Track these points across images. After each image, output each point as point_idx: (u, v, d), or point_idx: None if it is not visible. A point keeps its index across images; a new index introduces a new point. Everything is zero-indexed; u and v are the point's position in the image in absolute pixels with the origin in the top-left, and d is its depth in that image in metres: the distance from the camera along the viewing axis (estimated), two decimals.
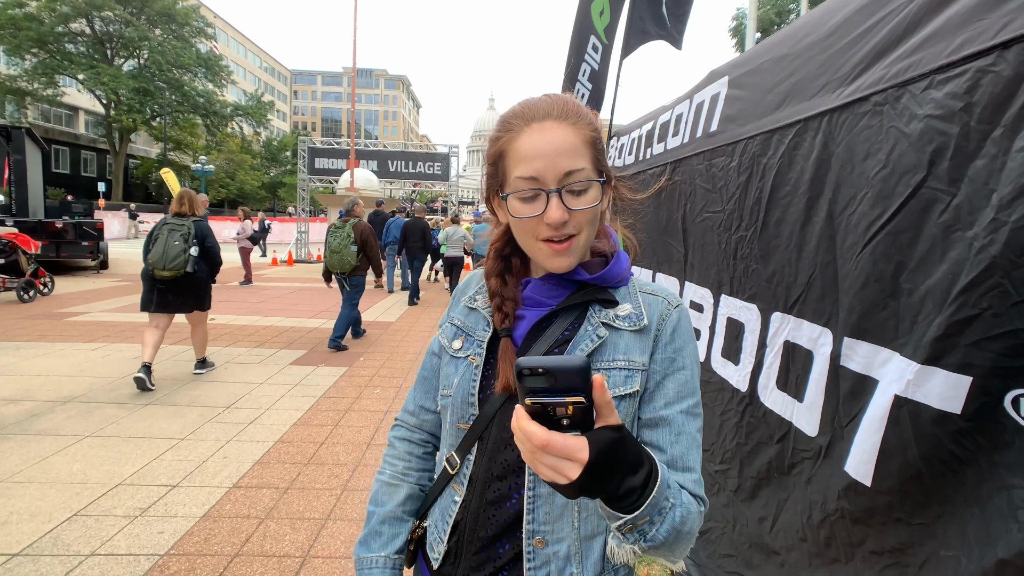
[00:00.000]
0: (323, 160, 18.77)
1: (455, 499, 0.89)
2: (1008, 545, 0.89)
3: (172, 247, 4.86)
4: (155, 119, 40.02)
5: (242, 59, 74.03)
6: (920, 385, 1.01)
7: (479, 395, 0.88)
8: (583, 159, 0.81)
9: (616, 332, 0.85)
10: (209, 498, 3.14)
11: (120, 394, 4.76)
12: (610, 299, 0.88)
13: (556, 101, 0.84)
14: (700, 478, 0.80)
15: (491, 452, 0.86)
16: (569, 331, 0.87)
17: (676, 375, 0.84)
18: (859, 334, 1.20)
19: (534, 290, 0.92)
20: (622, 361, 0.83)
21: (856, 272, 1.20)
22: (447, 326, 1.01)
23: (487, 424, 0.87)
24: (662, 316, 0.88)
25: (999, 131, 0.90)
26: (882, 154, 1.14)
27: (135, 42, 37.59)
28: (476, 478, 0.87)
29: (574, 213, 0.81)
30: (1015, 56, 0.89)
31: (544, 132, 0.81)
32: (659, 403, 0.83)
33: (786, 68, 1.56)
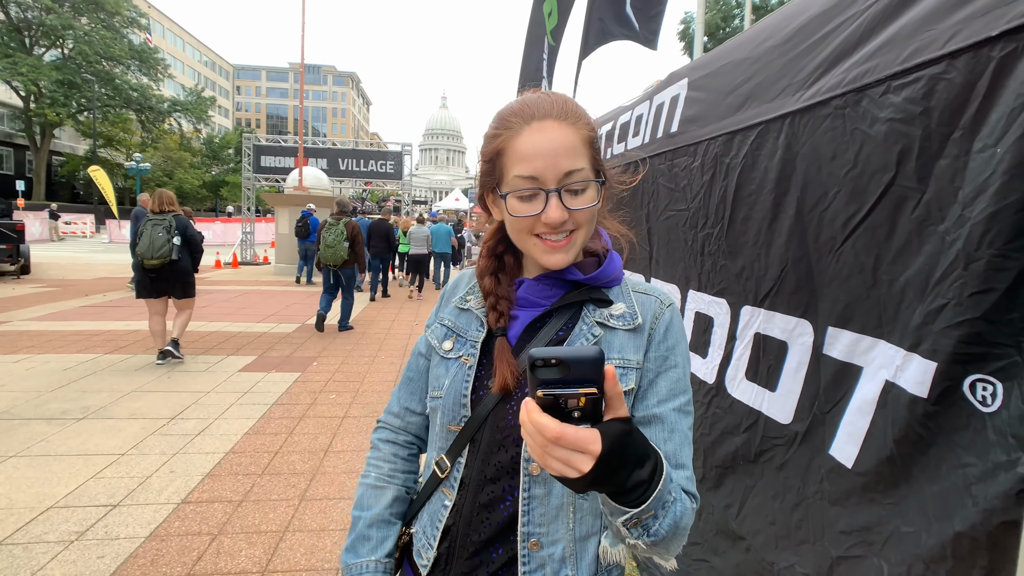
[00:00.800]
0: (269, 158, 18.14)
1: (445, 503, 0.88)
2: (964, 519, 0.95)
3: (157, 238, 5.53)
4: (82, 113, 37.56)
5: (180, 52, 70.68)
6: (904, 370, 1.08)
7: (472, 396, 0.87)
8: (582, 159, 0.81)
9: (611, 331, 0.86)
10: (155, 516, 2.98)
11: (48, 409, 4.44)
12: (604, 299, 0.89)
13: (556, 100, 0.84)
14: (692, 474, 0.81)
15: (484, 454, 0.85)
16: (563, 331, 0.88)
17: (669, 373, 0.85)
18: (843, 323, 1.25)
19: (528, 290, 0.92)
20: (617, 360, 0.84)
21: (837, 265, 1.26)
22: (437, 327, 0.99)
23: (479, 426, 0.86)
24: (655, 315, 0.88)
25: (958, 133, 0.96)
26: (850, 154, 1.20)
27: (58, 31, 35.07)
28: (468, 481, 0.86)
29: (573, 213, 0.81)
30: (965, 65, 0.95)
31: (544, 131, 0.80)
32: (652, 401, 0.83)
33: (746, 71, 1.62)
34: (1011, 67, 0.87)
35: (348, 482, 3.45)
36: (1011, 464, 0.87)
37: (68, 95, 35.48)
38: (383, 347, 7.17)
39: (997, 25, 0.89)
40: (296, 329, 7.95)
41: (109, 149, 41.09)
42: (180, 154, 45.93)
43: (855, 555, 1.19)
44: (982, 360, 0.93)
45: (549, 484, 0.81)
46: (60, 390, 4.90)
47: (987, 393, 0.92)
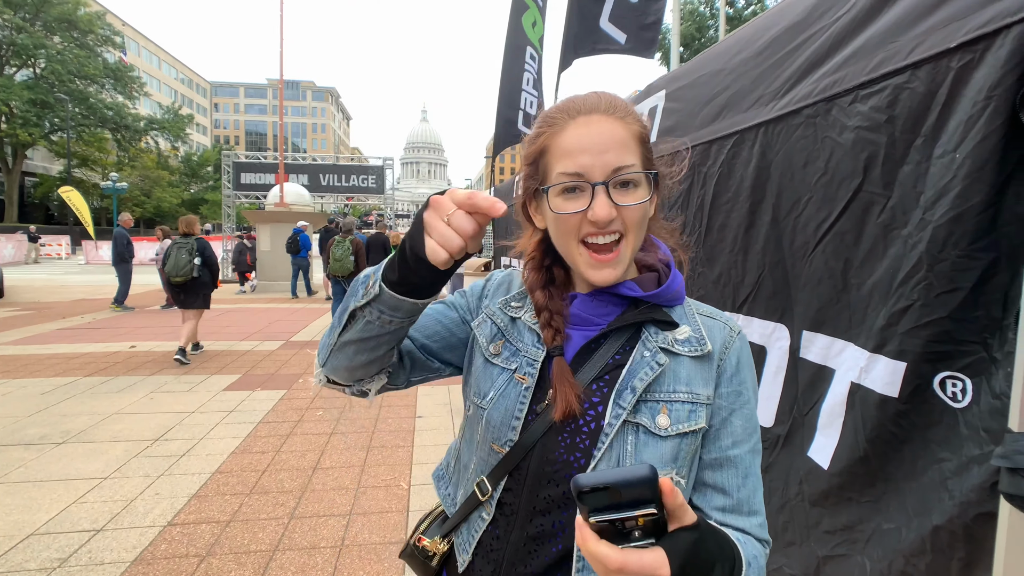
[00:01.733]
0: (249, 175, 17.99)
1: (483, 516, 0.82)
2: (941, 513, 0.98)
3: (180, 259, 6.59)
4: (56, 133, 36.93)
5: (156, 70, 69.99)
6: (869, 372, 1.11)
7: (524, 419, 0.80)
8: (632, 155, 0.75)
9: (675, 358, 0.78)
10: (140, 540, 2.91)
11: (26, 435, 4.33)
12: (667, 320, 0.80)
13: (603, 96, 0.78)
14: (765, 520, 0.77)
15: (532, 485, 0.78)
16: (620, 354, 0.80)
17: (743, 410, 0.79)
18: (817, 327, 1.29)
19: (581, 307, 0.83)
20: (684, 393, 0.76)
21: (810, 270, 1.30)
22: (486, 321, 0.90)
23: (526, 453, 0.78)
24: (725, 343, 0.81)
25: (920, 140, 1.01)
26: (820, 162, 1.25)
27: (29, 50, 34.51)
28: (515, 508, 0.79)
29: (622, 210, 0.73)
30: (926, 75, 1.00)
31: (591, 125, 0.74)
32: (726, 442, 0.77)
33: (721, 82, 1.67)
34: (968, 77, 0.92)
35: (337, 499, 3.41)
36: (984, 458, 0.90)
37: (41, 115, 34.85)
38: None
39: (955, 37, 0.94)
40: (280, 346, 7.86)
41: (84, 169, 40.40)
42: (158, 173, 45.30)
43: (840, 554, 1.22)
44: (950, 358, 0.97)
45: None
46: (38, 415, 4.78)
47: (957, 389, 0.96)
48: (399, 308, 0.73)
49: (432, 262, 0.65)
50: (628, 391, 0.75)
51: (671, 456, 0.73)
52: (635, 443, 0.74)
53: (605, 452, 0.74)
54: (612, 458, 0.73)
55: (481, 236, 0.67)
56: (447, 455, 0.99)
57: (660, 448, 0.73)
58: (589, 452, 0.75)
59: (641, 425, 0.74)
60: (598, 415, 0.76)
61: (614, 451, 0.74)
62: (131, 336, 8.44)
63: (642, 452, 0.73)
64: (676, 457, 0.74)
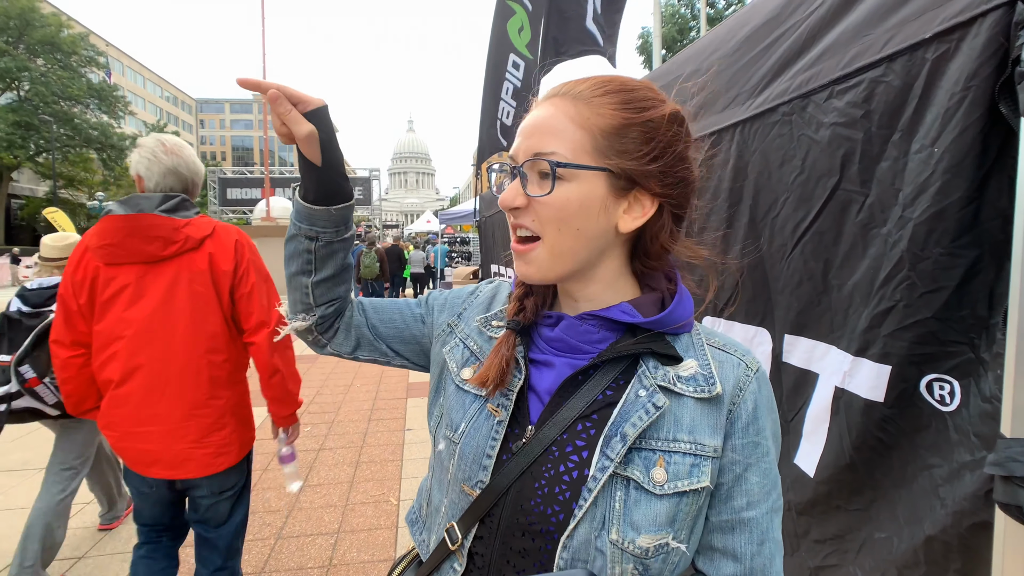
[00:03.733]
0: (235, 190, 17.98)
1: (455, 566, 0.73)
2: (934, 522, 0.94)
3: None
4: (41, 155, 36.66)
5: (140, 89, 69.84)
6: (853, 376, 1.07)
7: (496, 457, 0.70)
8: (564, 142, 0.64)
9: (677, 400, 0.66)
10: (123, 567, 2.83)
11: (8, 460, 4.23)
12: (670, 352, 0.68)
13: (585, 78, 0.69)
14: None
15: (504, 536, 0.68)
16: (612, 390, 0.68)
17: (760, 464, 0.67)
18: (798, 330, 1.25)
19: (568, 331, 0.72)
20: (686, 443, 0.64)
21: (789, 271, 1.26)
22: (458, 344, 0.82)
23: (498, 499, 0.68)
24: (738, 384, 0.68)
25: (897, 135, 0.98)
26: (797, 160, 1.21)
27: (13, 73, 34.29)
28: (487, 561, 0.69)
29: (533, 203, 0.66)
30: (901, 67, 0.97)
31: (539, 107, 0.69)
32: (739, 502, 0.66)
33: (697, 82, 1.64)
34: (944, 68, 0.89)
35: (326, 516, 3.34)
36: (976, 464, 0.86)
37: (25, 137, 34.61)
38: (359, 375, 7.05)
39: (930, 27, 0.91)
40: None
41: (71, 189, 40.09)
42: None
43: (831, 564, 1.18)
44: (936, 359, 0.93)
45: None
46: (21, 439, 4.67)
47: (945, 392, 0.92)
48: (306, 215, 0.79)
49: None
50: (617, 438, 0.64)
51: (667, 518, 0.62)
52: (624, 500, 0.63)
53: (588, 509, 0.63)
54: (596, 516, 0.63)
55: (296, 120, 0.73)
56: (419, 496, 0.89)
57: (654, 507, 0.62)
58: (569, 506, 0.64)
59: (632, 479, 0.63)
60: (582, 462, 0.65)
61: (599, 508, 0.63)
62: None
63: (632, 512, 0.62)
64: (674, 519, 0.63)
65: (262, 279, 1.87)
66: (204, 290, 1.76)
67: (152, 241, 1.69)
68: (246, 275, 1.82)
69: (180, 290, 1.74)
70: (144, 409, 1.73)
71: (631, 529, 0.61)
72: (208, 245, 1.77)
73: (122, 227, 1.68)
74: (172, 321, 1.73)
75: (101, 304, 1.75)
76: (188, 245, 1.73)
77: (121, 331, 1.73)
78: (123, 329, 1.73)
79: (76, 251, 1.78)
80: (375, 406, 5.66)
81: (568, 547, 0.63)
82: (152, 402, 1.73)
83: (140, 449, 1.75)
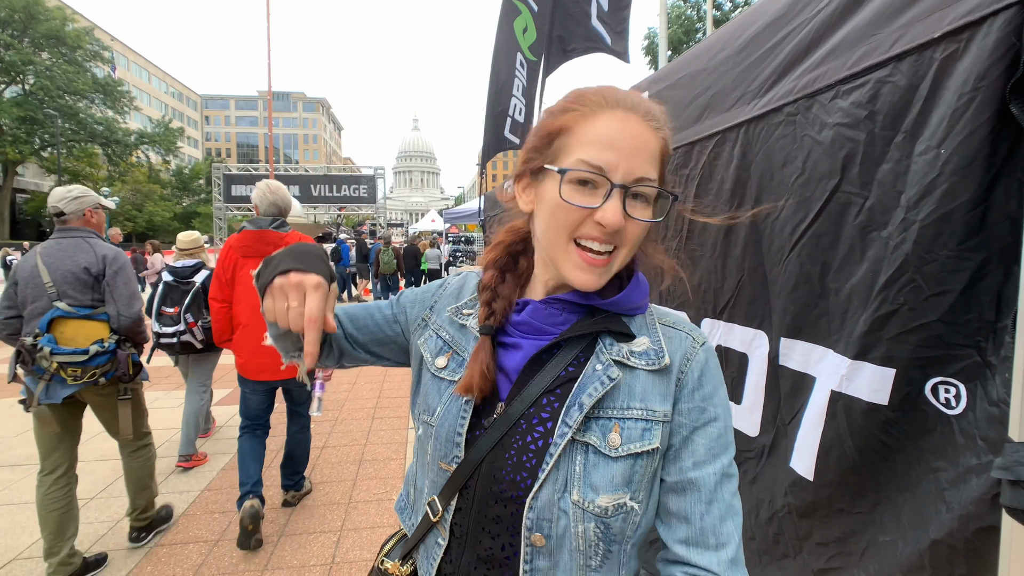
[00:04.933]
0: (240, 187, 18.01)
1: (439, 541, 0.79)
2: (939, 526, 0.94)
3: None
4: (46, 149, 36.78)
5: (145, 84, 69.98)
6: (852, 380, 1.06)
7: (468, 435, 0.76)
8: (656, 169, 0.71)
9: (631, 372, 0.73)
10: (126, 562, 2.84)
11: (12, 456, 4.25)
12: (624, 331, 0.75)
13: (645, 99, 0.73)
14: (737, 554, 0.69)
15: (479, 505, 0.74)
16: (574, 366, 0.75)
17: (707, 428, 0.72)
18: (794, 333, 1.25)
19: (533, 315, 0.78)
20: (639, 410, 0.71)
21: (786, 274, 1.25)
22: (432, 336, 0.87)
23: (473, 471, 0.75)
24: (686, 355, 0.75)
25: (901, 136, 0.97)
26: (799, 161, 1.21)
27: (18, 67, 34.41)
28: (465, 529, 0.76)
29: (628, 222, 0.69)
30: (908, 67, 0.96)
31: (629, 123, 0.69)
32: (687, 463, 0.71)
33: (703, 82, 1.63)
34: (952, 68, 0.88)
35: (328, 514, 3.34)
36: (983, 468, 0.85)
37: (30, 131, 34.72)
38: (362, 373, 7.06)
39: (939, 27, 0.90)
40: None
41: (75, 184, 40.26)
42: (149, 187, 45.16)
43: (835, 567, 1.17)
44: (942, 363, 0.92)
45: (556, 555, 0.70)
46: (25, 435, 4.70)
47: (950, 395, 0.92)
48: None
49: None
50: (576, 408, 0.71)
51: (623, 479, 0.68)
52: (584, 463, 0.69)
53: (551, 472, 0.69)
54: (559, 479, 0.69)
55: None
56: (405, 483, 0.94)
57: (611, 469, 0.68)
58: (535, 472, 0.71)
59: (591, 444, 0.70)
60: (547, 432, 0.72)
61: (561, 471, 0.69)
62: None
63: (591, 474, 0.68)
64: (630, 480, 0.69)
65: None
66: None
67: (267, 245, 2.98)
68: None
69: None
70: (258, 339, 2.83)
71: (591, 490, 0.68)
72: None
73: (252, 236, 3.01)
74: None
75: (238, 279, 3.02)
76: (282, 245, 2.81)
77: (247, 295, 3.00)
78: (248, 294, 2.99)
79: (224, 248, 3.06)
80: (379, 404, 5.67)
81: (534, 507, 0.69)
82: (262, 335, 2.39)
83: (256, 362, 3.00)
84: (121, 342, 2.69)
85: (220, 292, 3.03)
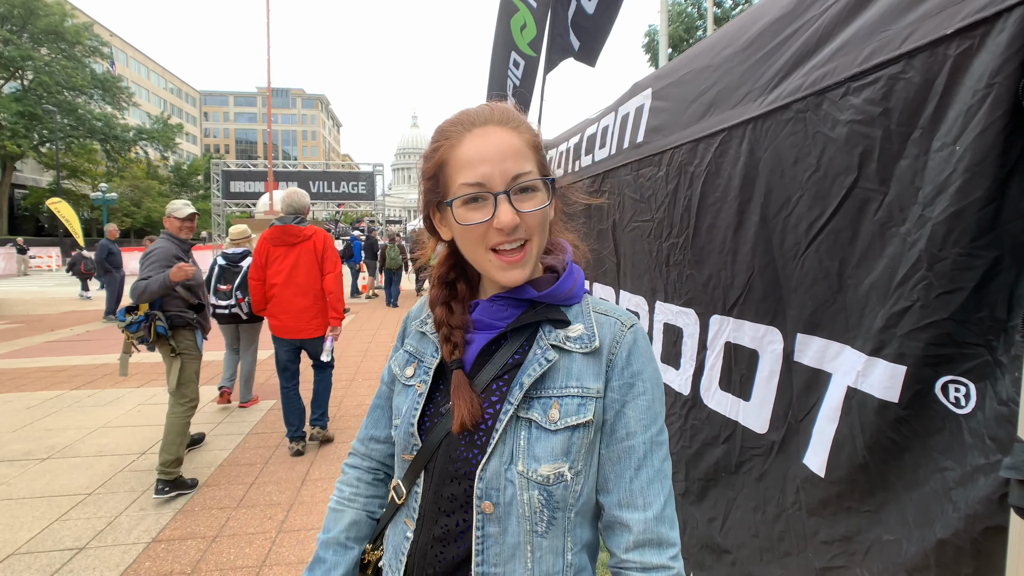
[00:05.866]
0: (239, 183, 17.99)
1: (407, 535, 0.84)
2: (945, 526, 0.93)
3: None
4: (45, 145, 36.63)
5: (144, 80, 69.81)
6: (867, 376, 1.06)
7: (421, 424, 0.84)
8: (529, 162, 0.78)
9: (567, 355, 0.81)
10: (124, 558, 2.84)
11: (10, 450, 4.24)
12: (561, 318, 0.83)
13: (495, 108, 0.82)
14: (662, 514, 0.76)
15: (436, 485, 0.81)
16: (519, 353, 0.83)
17: (636, 401, 0.80)
18: (811, 329, 1.24)
19: (483, 312, 0.87)
20: (575, 388, 0.79)
21: (803, 270, 1.24)
22: (401, 353, 0.96)
23: (431, 454, 0.82)
24: (615, 338, 0.83)
25: (918, 133, 0.96)
26: (812, 158, 1.19)
27: (17, 62, 34.25)
28: (424, 512, 0.82)
29: (524, 216, 0.77)
30: (922, 64, 0.95)
31: (488, 136, 0.78)
32: (620, 434, 0.79)
33: (708, 79, 1.62)
34: (967, 64, 0.87)
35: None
36: (990, 467, 0.85)
37: (29, 127, 34.56)
38: (360, 370, 7.05)
39: (952, 23, 0.89)
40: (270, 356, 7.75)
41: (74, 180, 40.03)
42: (147, 183, 45.06)
43: (838, 566, 1.17)
44: (952, 361, 0.92)
45: (504, 522, 0.76)
46: (23, 430, 4.70)
47: (960, 395, 0.91)
48: None
49: None
50: (517, 388, 0.78)
51: (562, 449, 0.75)
52: (527, 437, 0.76)
53: (497, 445, 0.76)
54: (505, 452, 0.76)
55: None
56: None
57: (551, 441, 0.76)
58: (484, 448, 0.78)
59: (533, 420, 0.77)
60: (495, 412, 0.79)
61: (507, 445, 0.76)
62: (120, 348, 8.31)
63: (534, 446, 0.75)
64: (568, 451, 0.76)
65: (332, 250, 4.20)
66: (310, 257, 4.09)
67: (290, 236, 4.03)
68: (327, 249, 4.16)
69: (301, 257, 4.08)
70: (285, 307, 4.06)
71: (534, 460, 0.75)
72: (313, 237, 4.10)
73: (279, 230, 4.03)
74: (297, 270, 4.06)
75: (269, 262, 4.06)
76: (303, 237, 4.07)
77: (277, 273, 4.05)
78: (277, 273, 4.04)
79: (260, 239, 4.10)
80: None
81: (483, 479, 0.76)
82: (289, 305, 4.06)
83: (285, 325, 4.08)
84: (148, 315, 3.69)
85: (256, 272, 4.12)
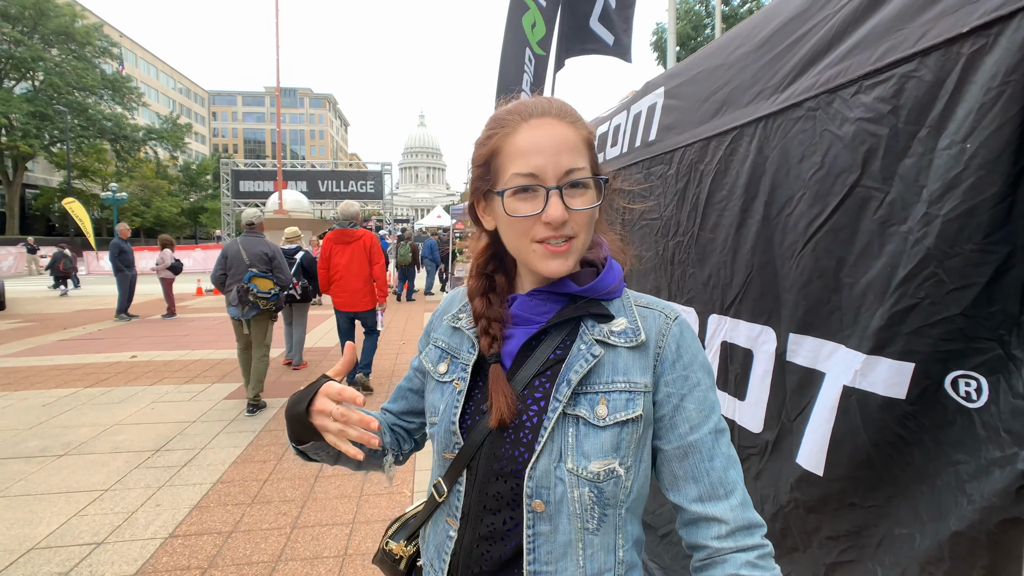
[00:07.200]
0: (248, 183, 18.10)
1: (450, 534, 0.82)
2: (960, 518, 0.94)
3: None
4: (55, 145, 37.00)
5: (154, 80, 70.29)
6: (867, 375, 1.06)
7: (462, 422, 0.83)
8: (583, 158, 0.78)
9: (612, 350, 0.80)
10: (142, 552, 2.88)
11: (27, 447, 4.30)
12: (604, 313, 0.82)
13: (553, 101, 0.81)
14: (745, 497, 0.75)
15: (481, 484, 0.79)
16: (561, 349, 0.82)
17: (693, 393, 0.78)
18: (804, 329, 1.24)
19: (521, 307, 0.86)
20: (622, 383, 0.77)
21: (798, 270, 1.25)
22: (431, 348, 0.95)
23: (475, 452, 0.80)
24: (660, 331, 0.81)
25: (925, 131, 0.97)
26: (817, 156, 1.20)
27: (28, 63, 34.65)
28: (468, 511, 0.81)
29: (573, 214, 0.76)
30: (935, 62, 0.96)
31: (544, 128, 0.77)
32: (683, 428, 0.77)
33: (721, 77, 1.63)
34: (980, 63, 0.88)
35: (340, 507, 3.37)
36: (1006, 460, 0.86)
37: (40, 127, 34.95)
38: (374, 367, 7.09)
39: (967, 21, 0.90)
40: (281, 354, 7.82)
41: (84, 180, 40.45)
42: (157, 182, 45.41)
43: (848, 560, 1.18)
44: (963, 356, 0.92)
45: (555, 520, 0.75)
46: (39, 427, 4.76)
47: (971, 389, 0.92)
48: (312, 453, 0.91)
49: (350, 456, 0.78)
50: (564, 384, 0.77)
51: (612, 445, 0.74)
52: (575, 435, 0.75)
53: (546, 443, 0.75)
54: (554, 449, 0.75)
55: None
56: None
57: (600, 437, 0.75)
58: (532, 446, 0.77)
59: (580, 417, 0.76)
60: (540, 410, 0.78)
61: (555, 443, 0.75)
62: (132, 346, 8.42)
63: (583, 443, 0.75)
64: (618, 446, 0.75)
65: (378, 248, 5.80)
66: (362, 252, 5.71)
67: (347, 237, 5.70)
68: (374, 246, 5.78)
69: (355, 252, 5.69)
70: (344, 288, 5.68)
71: (583, 458, 0.74)
72: (363, 238, 5.75)
73: (339, 232, 5.72)
74: (352, 261, 5.66)
75: (331, 255, 5.68)
76: (356, 237, 5.71)
77: (337, 265, 5.66)
78: (337, 264, 5.66)
79: (325, 239, 5.78)
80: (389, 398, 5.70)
81: (532, 477, 0.75)
82: (346, 286, 5.68)
83: (344, 301, 5.69)
84: (280, 290, 5.32)
85: (323, 263, 5.68)
